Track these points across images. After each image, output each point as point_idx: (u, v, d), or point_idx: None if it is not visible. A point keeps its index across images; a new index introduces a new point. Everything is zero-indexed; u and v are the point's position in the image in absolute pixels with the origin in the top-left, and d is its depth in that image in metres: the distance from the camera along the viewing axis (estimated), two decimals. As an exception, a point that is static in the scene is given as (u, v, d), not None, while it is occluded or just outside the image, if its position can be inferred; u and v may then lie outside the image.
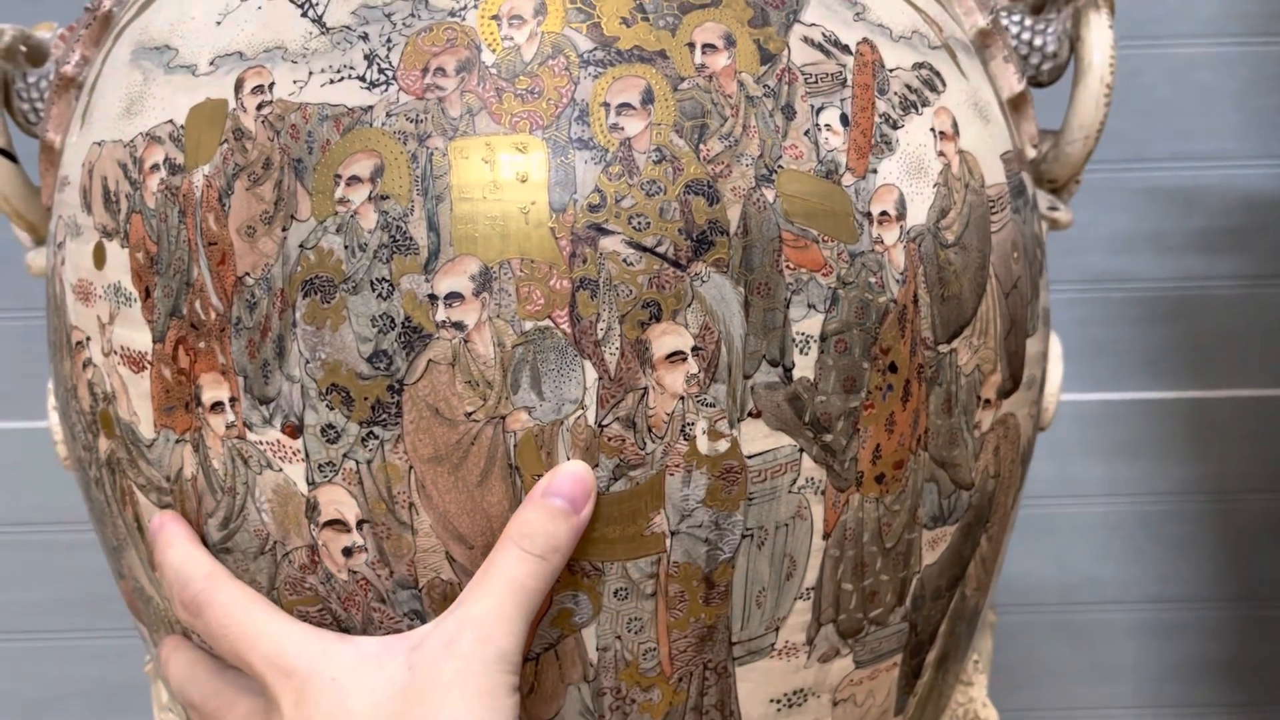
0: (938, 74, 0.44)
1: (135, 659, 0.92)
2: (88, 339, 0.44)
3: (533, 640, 0.40)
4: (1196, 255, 0.92)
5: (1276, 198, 0.91)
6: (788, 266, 0.39)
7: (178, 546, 0.41)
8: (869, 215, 0.41)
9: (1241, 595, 0.95)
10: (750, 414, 0.39)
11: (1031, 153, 0.53)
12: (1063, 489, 0.94)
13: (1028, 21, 0.55)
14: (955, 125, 0.44)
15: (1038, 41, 0.55)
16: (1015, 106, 0.52)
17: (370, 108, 0.39)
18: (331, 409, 0.39)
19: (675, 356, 0.38)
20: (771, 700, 0.43)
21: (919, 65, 0.44)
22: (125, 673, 0.93)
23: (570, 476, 0.38)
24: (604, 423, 0.38)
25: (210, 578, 0.40)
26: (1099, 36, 0.55)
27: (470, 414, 0.38)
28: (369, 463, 0.39)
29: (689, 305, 0.38)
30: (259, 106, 0.40)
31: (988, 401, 0.45)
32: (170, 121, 0.41)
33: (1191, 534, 0.95)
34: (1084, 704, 0.97)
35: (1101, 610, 0.96)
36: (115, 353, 0.43)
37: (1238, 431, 0.93)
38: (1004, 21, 0.53)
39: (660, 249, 0.38)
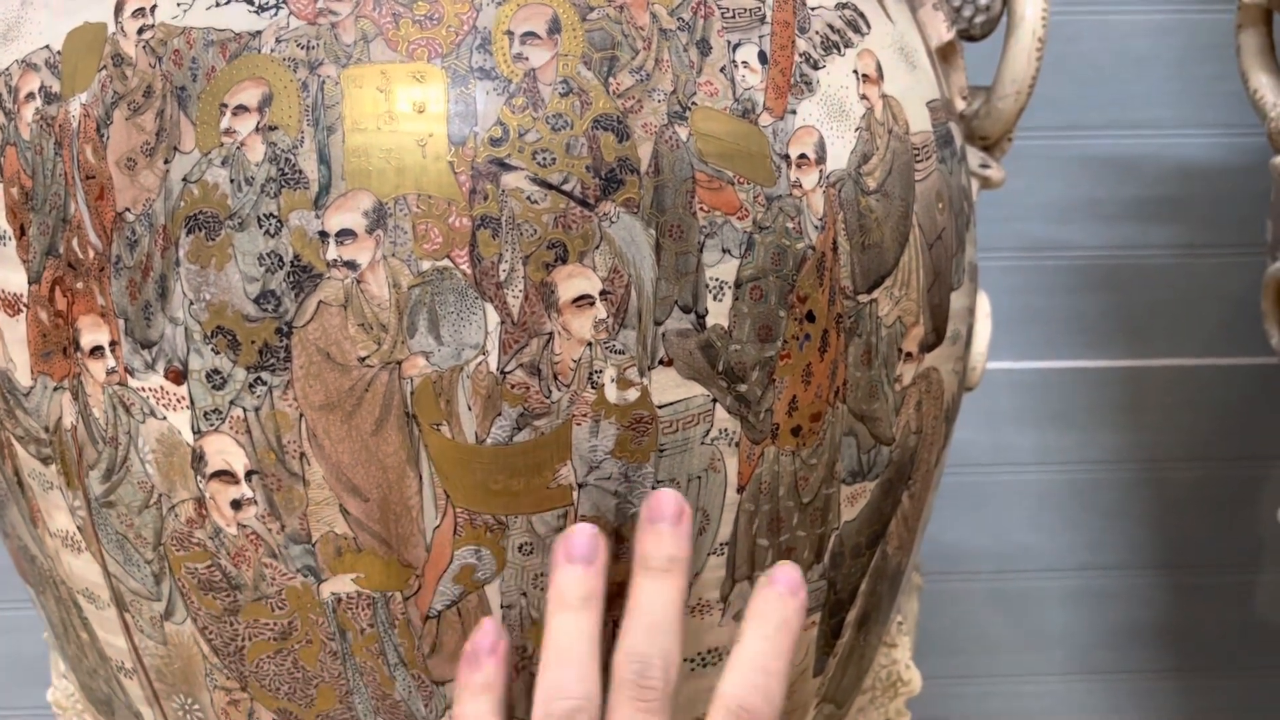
0: (862, 15, 0.43)
1: (39, 628, 0.89)
2: (-38, 281, 0.41)
3: (433, 597, 0.38)
4: (1131, 224, 0.92)
5: (1211, 167, 0.91)
6: (701, 209, 0.38)
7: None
8: (787, 158, 0.39)
9: (1171, 563, 0.96)
10: (661, 362, 0.38)
11: (960, 104, 0.52)
12: (995, 457, 0.94)
13: (960, -28, 0.53)
14: (879, 69, 0.43)
15: (970, -7, 0.54)
16: (944, 56, 0.50)
17: (259, 33, 0.36)
18: (217, 353, 0.36)
19: (582, 300, 0.37)
20: (685, 659, 0.41)
21: (842, 5, 0.42)
22: (31, 644, 0.90)
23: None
24: (507, 369, 0.36)
25: None
26: (1031, -11, 0.54)
27: (364, 359, 0.36)
28: (257, 410, 0.37)
29: (597, 247, 0.37)
30: (140, 30, 0.37)
31: (909, 355, 0.44)
32: (47, 47, 0.39)
33: (1123, 502, 0.95)
34: (1016, 671, 0.97)
35: (1033, 578, 0.96)
36: (-10, 295, 0.40)
37: (1170, 400, 0.93)
38: (935, -30, 0.51)
39: (566, 186, 0.36)
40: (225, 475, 0.37)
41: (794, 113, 0.39)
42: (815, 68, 0.41)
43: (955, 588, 0.95)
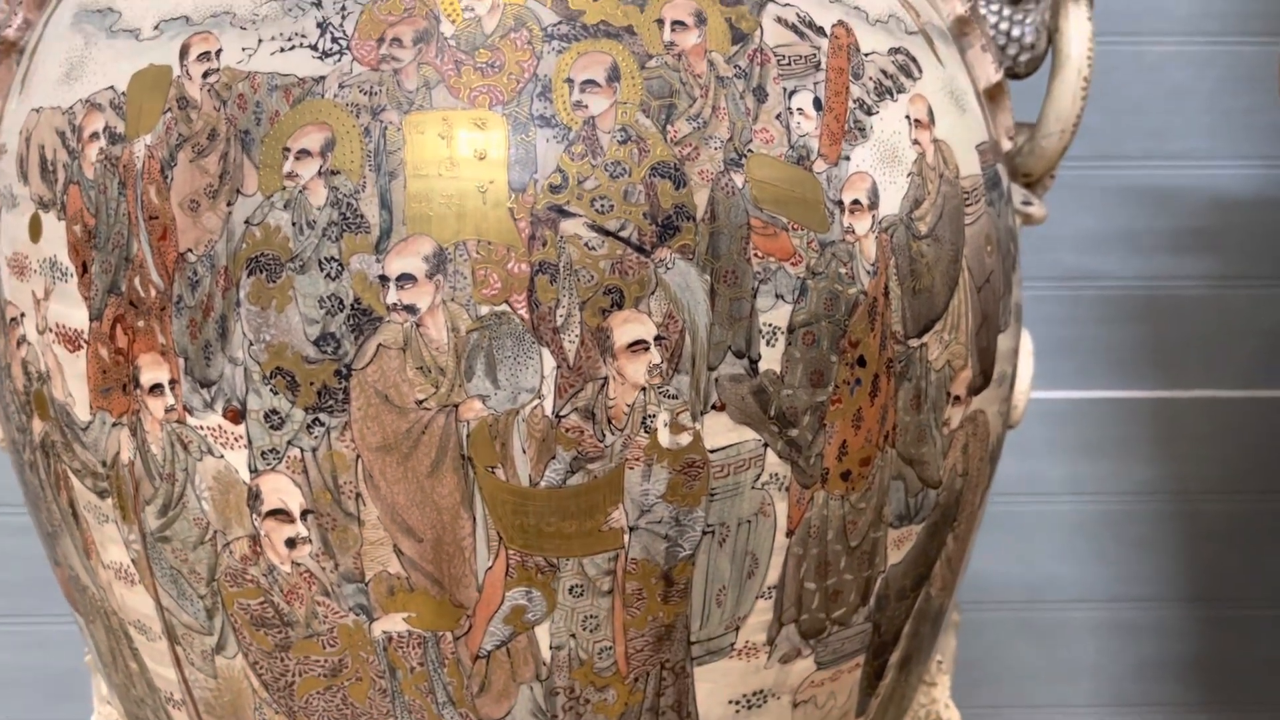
0: (914, 60, 0.43)
1: (78, 645, 0.90)
2: (22, 315, 0.42)
3: (483, 638, 0.38)
4: (1165, 255, 0.92)
5: (1246, 199, 0.91)
6: (756, 255, 0.38)
7: None
8: (840, 204, 0.39)
9: (1201, 595, 0.95)
10: (714, 407, 0.38)
11: (1007, 145, 0.52)
12: (1027, 487, 0.93)
13: (1006, 11, 0.54)
14: (931, 113, 0.43)
15: (1015, 32, 0.54)
16: (992, 97, 0.51)
17: (322, 78, 0.37)
18: (276, 394, 0.37)
19: (637, 346, 0.37)
20: (730, 701, 0.41)
21: (895, 50, 0.43)
22: (68, 660, 0.90)
23: None
24: (562, 413, 0.37)
25: None
26: (1078, 28, 0.54)
27: (421, 402, 0.36)
28: (314, 450, 0.37)
29: (652, 293, 0.37)
30: (205, 74, 0.38)
31: (957, 398, 0.44)
32: (111, 88, 0.39)
33: (1153, 534, 0.95)
34: (1045, 702, 0.96)
35: (1063, 609, 0.95)
36: (50, 330, 0.41)
37: (1202, 432, 0.93)
38: (982, 10, 0.51)
39: (624, 233, 0.37)
40: (281, 514, 0.38)
41: (848, 159, 0.40)
42: (869, 113, 0.41)
43: (985, 617, 0.95)
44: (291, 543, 0.38)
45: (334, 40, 0.37)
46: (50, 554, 0.47)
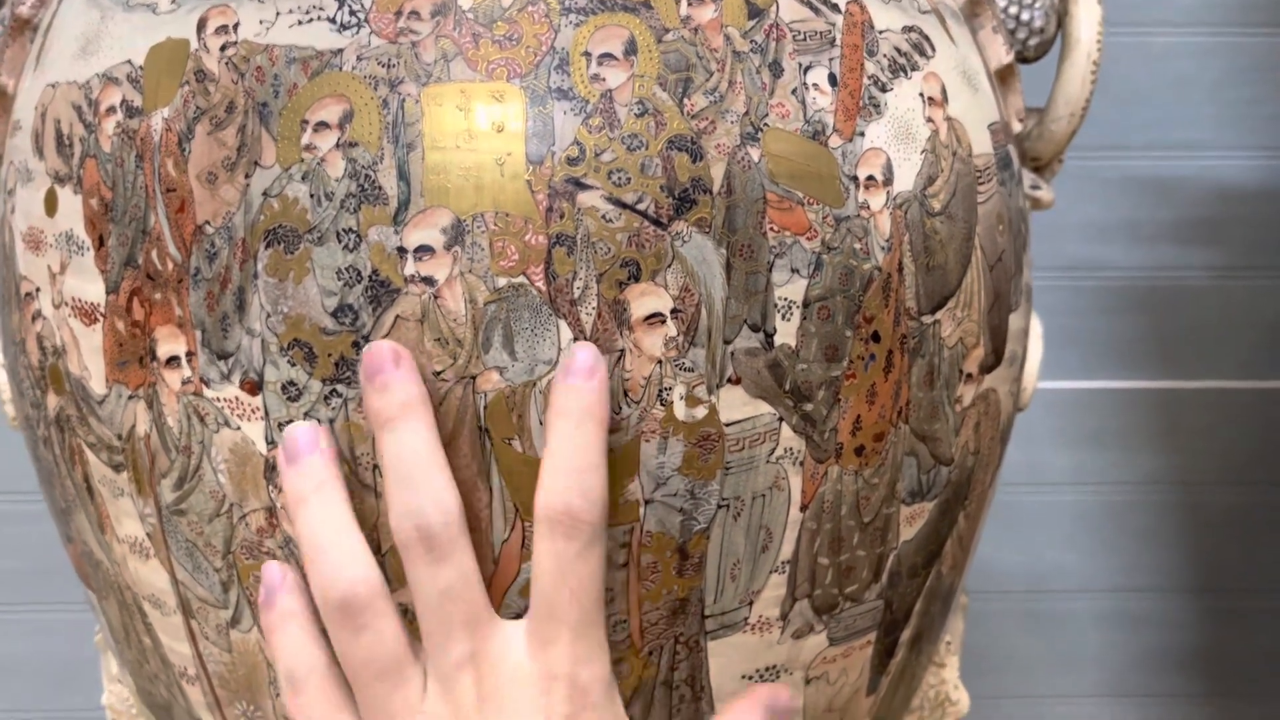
0: (927, 38, 0.43)
1: (84, 632, 0.90)
2: (37, 290, 0.42)
3: (499, 610, 0.38)
4: (1169, 245, 0.92)
5: (1250, 189, 0.91)
6: (771, 229, 0.38)
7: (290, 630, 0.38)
8: (855, 179, 0.39)
9: (1205, 586, 0.96)
10: (729, 380, 0.38)
11: (1017, 126, 0.52)
12: (1030, 476, 0.94)
13: (1015, -6, 0.54)
14: (944, 92, 0.43)
15: (1025, 16, 0.54)
16: (1002, 79, 0.51)
17: (340, 51, 0.37)
18: (293, 365, 0.37)
19: (654, 318, 0.37)
20: (743, 676, 0.41)
21: (908, 28, 0.43)
22: (74, 647, 0.90)
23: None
24: (578, 385, 0.37)
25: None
26: (1087, 13, 0.54)
27: (439, 373, 0.36)
28: (331, 422, 0.37)
29: (669, 266, 0.37)
30: (223, 47, 0.38)
31: (969, 376, 0.44)
32: (128, 62, 0.39)
33: (1157, 524, 0.95)
34: (1048, 691, 0.97)
35: (1067, 599, 0.96)
36: (66, 304, 0.41)
37: (1205, 423, 0.93)
38: (992, -8, 0.52)
39: (641, 206, 0.37)
40: (298, 486, 0.38)
41: (862, 135, 0.40)
42: (883, 90, 0.41)
43: (988, 607, 0.95)
44: (308, 515, 0.38)
45: (352, 13, 0.37)
46: (63, 531, 0.47)
